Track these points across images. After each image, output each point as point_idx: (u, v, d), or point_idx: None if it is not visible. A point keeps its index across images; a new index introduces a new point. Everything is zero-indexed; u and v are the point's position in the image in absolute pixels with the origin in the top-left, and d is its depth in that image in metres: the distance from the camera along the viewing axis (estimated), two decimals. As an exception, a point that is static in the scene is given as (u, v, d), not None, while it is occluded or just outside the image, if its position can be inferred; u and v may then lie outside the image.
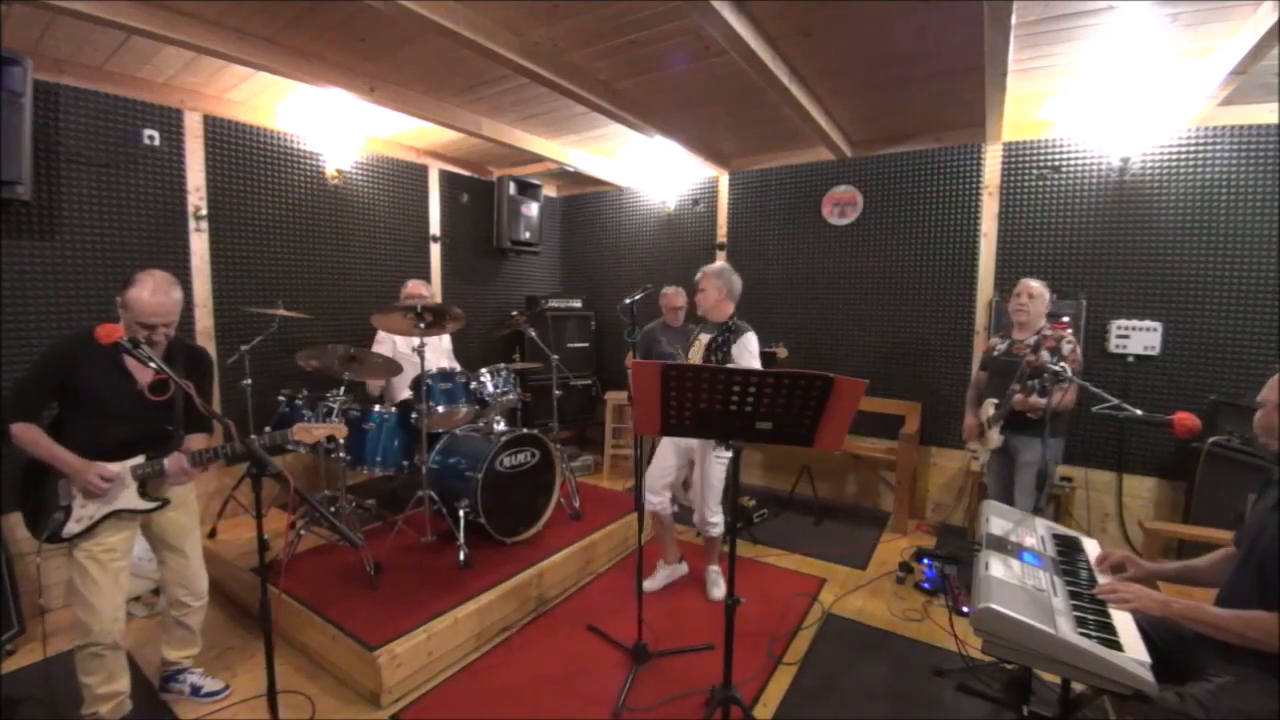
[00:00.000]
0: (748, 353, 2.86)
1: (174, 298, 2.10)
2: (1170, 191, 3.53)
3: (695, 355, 2.98)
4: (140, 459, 2.13)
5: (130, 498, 2.11)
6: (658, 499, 3.11)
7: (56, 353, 2.05)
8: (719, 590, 3.20)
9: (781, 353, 4.33)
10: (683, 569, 3.35)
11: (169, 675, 2.41)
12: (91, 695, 2.07)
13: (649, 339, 4.25)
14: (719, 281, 2.92)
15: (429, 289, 4.17)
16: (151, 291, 2.03)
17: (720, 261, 2.99)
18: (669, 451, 3.11)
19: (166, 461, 2.15)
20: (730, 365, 2.80)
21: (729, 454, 2.93)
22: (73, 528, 2.01)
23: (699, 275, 3.01)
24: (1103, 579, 1.78)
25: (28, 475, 2.05)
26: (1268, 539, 1.52)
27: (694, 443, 3.02)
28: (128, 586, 2.21)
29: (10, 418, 1.97)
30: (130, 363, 2.06)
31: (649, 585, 3.16)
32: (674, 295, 4.17)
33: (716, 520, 3.06)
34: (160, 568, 2.37)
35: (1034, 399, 2.78)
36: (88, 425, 2.04)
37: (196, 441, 2.26)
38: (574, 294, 5.83)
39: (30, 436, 1.97)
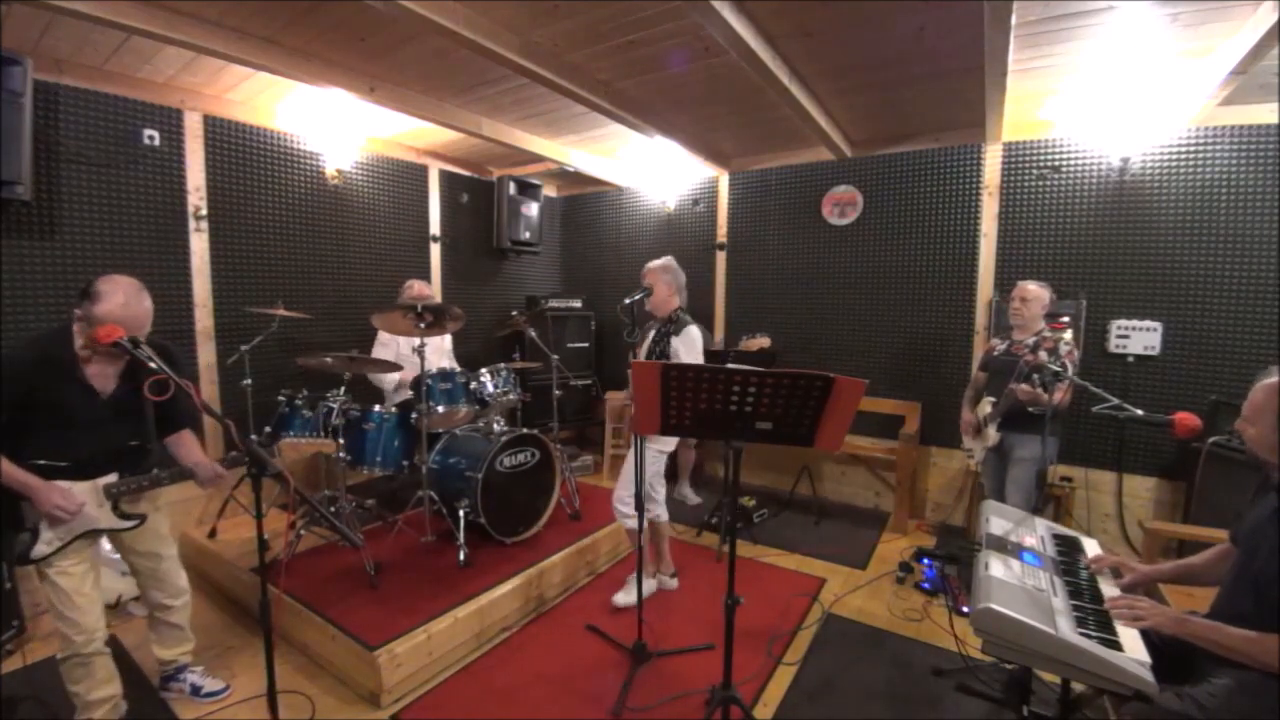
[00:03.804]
0: (686, 347, 2.82)
1: (145, 306, 1.99)
2: (1170, 191, 3.53)
3: (644, 353, 2.97)
4: (113, 477, 2.03)
5: (105, 517, 2.01)
6: (623, 510, 2.96)
7: (10, 367, 1.89)
8: (624, 597, 2.99)
9: (762, 343, 4.22)
10: (671, 584, 3.25)
11: (168, 675, 2.40)
12: (83, 703, 2.03)
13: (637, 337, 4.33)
14: (667, 276, 2.88)
15: (431, 290, 4.17)
16: (123, 305, 1.90)
17: (664, 257, 2.95)
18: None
19: (196, 467, 2.09)
20: (670, 359, 2.78)
21: (667, 447, 2.94)
22: (41, 549, 1.91)
23: (645, 271, 2.93)
24: (1106, 586, 1.78)
25: None
26: (1265, 555, 1.51)
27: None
28: (102, 589, 2.11)
29: None
30: (92, 374, 1.99)
31: (649, 583, 3.14)
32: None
33: (628, 511, 2.80)
34: (134, 575, 2.31)
35: (1039, 393, 2.79)
36: (51, 442, 1.93)
37: (189, 440, 2.22)
38: (574, 294, 5.82)
39: None
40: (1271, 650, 1.37)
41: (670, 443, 3.04)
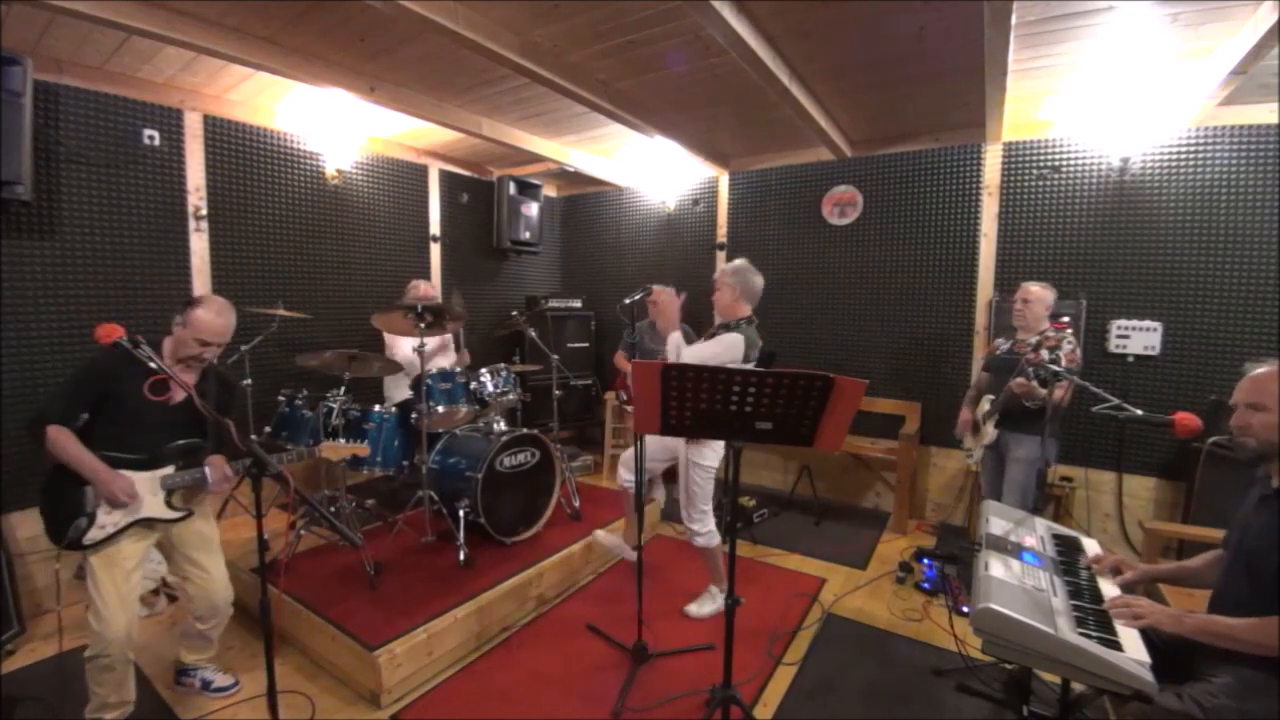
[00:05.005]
0: (710, 340, 2.75)
1: (230, 321, 2.25)
2: (1170, 191, 3.53)
3: None
4: (170, 469, 2.17)
5: (157, 507, 2.15)
6: (628, 476, 2.92)
7: (101, 364, 2.10)
8: (699, 608, 3.01)
9: None
10: (630, 555, 3.02)
11: (181, 670, 2.44)
12: (99, 702, 2.08)
13: (638, 337, 4.34)
14: (733, 280, 2.78)
15: (435, 291, 4.18)
16: (215, 313, 2.20)
17: (739, 260, 2.88)
18: (653, 441, 2.92)
19: (209, 470, 2.20)
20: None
21: (712, 463, 2.83)
22: (95, 535, 2.03)
23: (718, 273, 2.90)
24: (1105, 585, 1.78)
25: (52, 481, 2.06)
26: (1254, 538, 1.51)
27: (679, 443, 2.87)
28: (139, 593, 2.23)
29: (48, 420, 2.02)
30: (170, 382, 2.11)
31: (599, 534, 3.24)
32: (659, 294, 4.32)
33: (700, 529, 2.81)
34: (182, 582, 2.36)
35: (1034, 385, 2.79)
36: (119, 435, 2.09)
37: (217, 462, 2.28)
38: (574, 294, 5.83)
39: (63, 441, 2.01)
40: (1272, 634, 1.37)
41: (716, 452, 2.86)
